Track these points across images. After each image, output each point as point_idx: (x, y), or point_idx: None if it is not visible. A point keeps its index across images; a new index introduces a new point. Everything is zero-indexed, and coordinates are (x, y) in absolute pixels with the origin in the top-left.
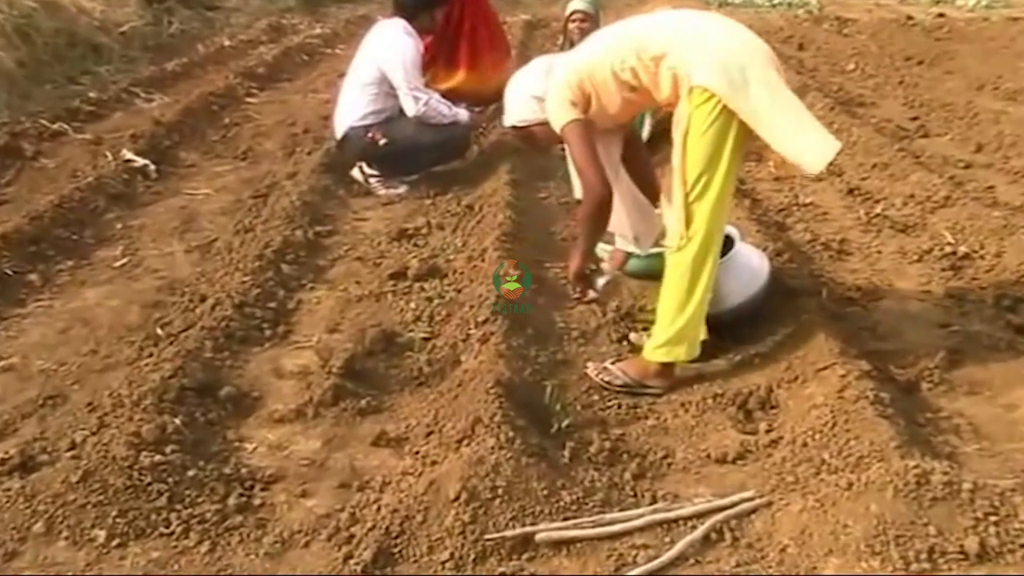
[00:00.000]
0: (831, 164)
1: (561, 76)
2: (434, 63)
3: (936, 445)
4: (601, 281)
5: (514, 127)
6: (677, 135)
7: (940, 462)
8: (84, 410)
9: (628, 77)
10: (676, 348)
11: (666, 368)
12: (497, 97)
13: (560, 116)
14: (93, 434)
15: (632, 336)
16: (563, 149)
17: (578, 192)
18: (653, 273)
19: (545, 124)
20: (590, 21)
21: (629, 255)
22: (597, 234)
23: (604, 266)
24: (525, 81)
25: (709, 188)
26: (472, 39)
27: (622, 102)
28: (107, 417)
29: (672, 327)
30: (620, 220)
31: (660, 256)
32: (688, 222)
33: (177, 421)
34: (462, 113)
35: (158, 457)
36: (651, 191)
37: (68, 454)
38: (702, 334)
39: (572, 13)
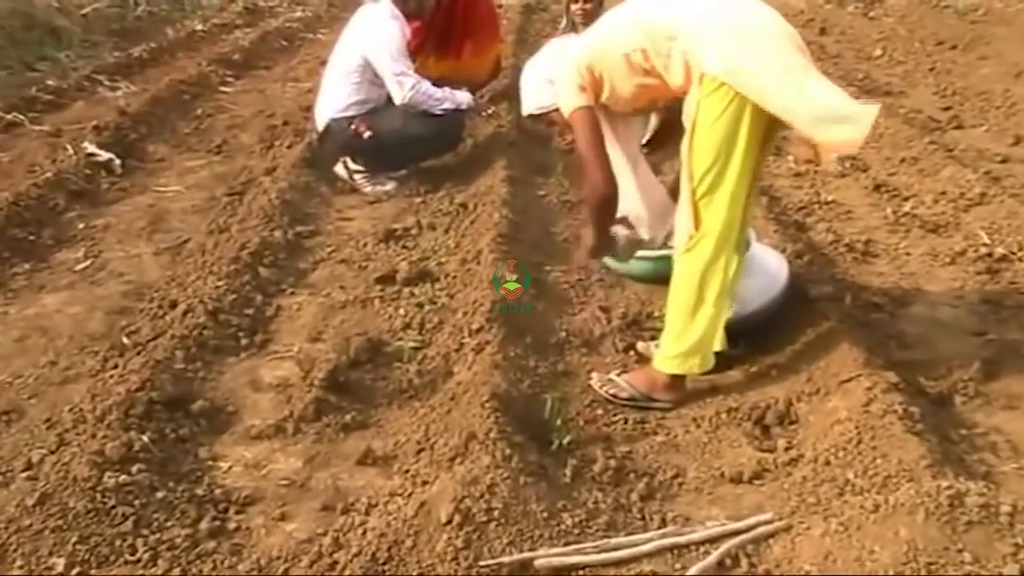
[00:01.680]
0: (855, 158)
1: (571, 59)
2: (423, 49)
3: (971, 464)
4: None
5: (532, 116)
6: (687, 125)
7: (975, 482)
8: (42, 426)
9: (639, 60)
10: (688, 360)
11: (676, 380)
12: (490, 79)
13: (568, 102)
14: (52, 453)
15: (639, 345)
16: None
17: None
18: (661, 276)
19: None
20: (593, 3)
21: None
22: (605, 224)
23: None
24: (539, 66)
25: (720, 184)
26: (466, 22)
27: (635, 87)
28: (67, 434)
29: (683, 337)
30: (635, 206)
31: (669, 258)
32: (697, 220)
33: (144, 438)
34: (457, 94)
35: (123, 477)
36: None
37: (24, 475)
38: (717, 345)
39: None
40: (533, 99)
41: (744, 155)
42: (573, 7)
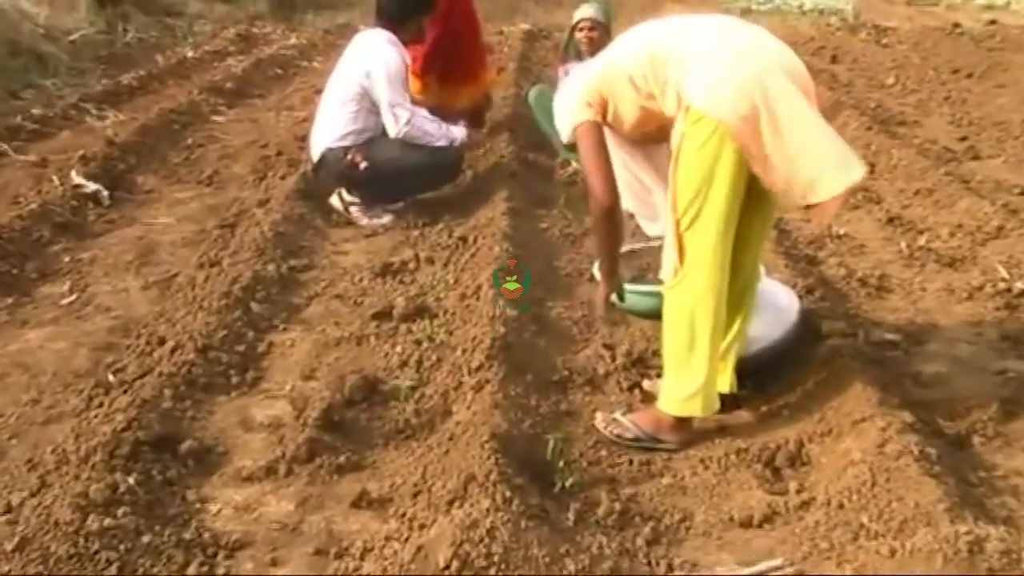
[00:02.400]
0: (868, 190)
1: (582, 80)
2: (425, 75)
3: (991, 508)
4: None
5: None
6: (673, 154)
7: (996, 527)
8: (23, 468)
9: (643, 84)
10: (689, 402)
11: (683, 421)
12: (485, 107)
13: (574, 116)
14: (33, 495)
15: (645, 383)
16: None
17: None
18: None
19: None
20: (600, 30)
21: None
22: (611, 248)
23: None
24: (567, 95)
25: (703, 215)
26: (466, 48)
27: (639, 110)
28: (49, 476)
29: (680, 378)
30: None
31: None
32: (682, 254)
33: (130, 480)
34: (455, 130)
35: (108, 521)
36: None
37: (3, 518)
38: (723, 386)
39: (579, 22)
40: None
41: (730, 186)
42: (578, 35)
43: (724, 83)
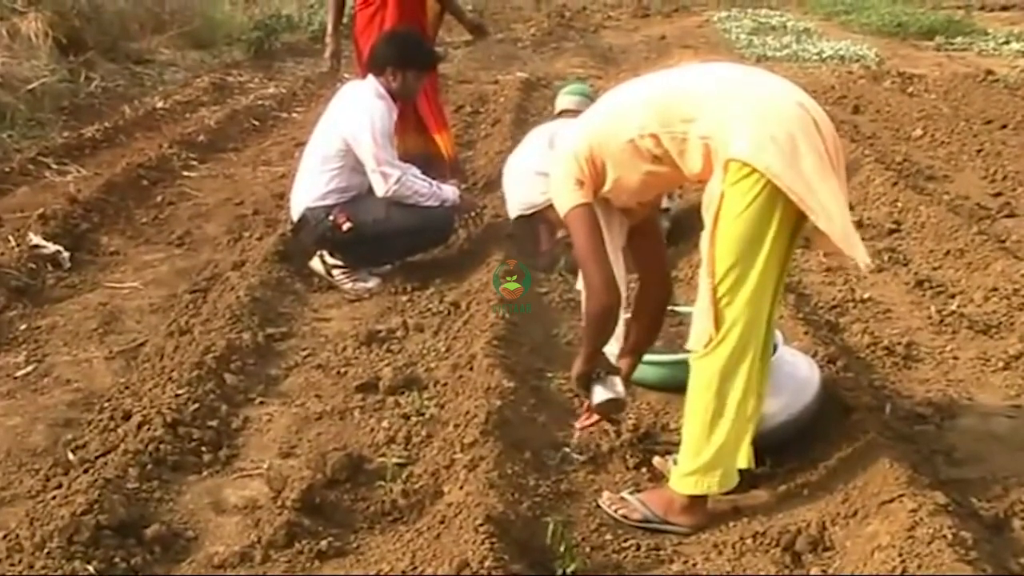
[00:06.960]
0: (894, 251)
1: (567, 147)
2: (406, 124)
3: None
4: (599, 396)
5: (521, 217)
6: (707, 217)
7: None
8: None
9: (649, 146)
10: (707, 478)
11: (695, 502)
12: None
13: (564, 199)
14: None
15: (656, 460)
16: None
17: (580, 284)
18: (678, 383)
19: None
20: None
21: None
22: (602, 338)
23: (611, 378)
24: (526, 158)
25: (745, 281)
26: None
27: (643, 176)
28: (1, 564)
29: (702, 451)
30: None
31: (686, 363)
32: (718, 321)
33: (90, 568)
34: (446, 190)
35: None
36: (659, 291)
37: None
38: (742, 461)
39: (561, 112)
40: (522, 196)
41: (773, 249)
42: None
43: (766, 127)
